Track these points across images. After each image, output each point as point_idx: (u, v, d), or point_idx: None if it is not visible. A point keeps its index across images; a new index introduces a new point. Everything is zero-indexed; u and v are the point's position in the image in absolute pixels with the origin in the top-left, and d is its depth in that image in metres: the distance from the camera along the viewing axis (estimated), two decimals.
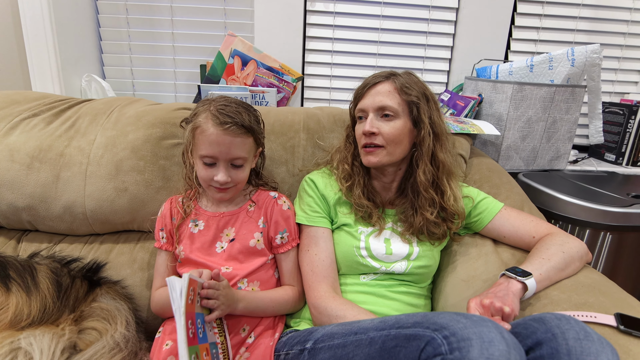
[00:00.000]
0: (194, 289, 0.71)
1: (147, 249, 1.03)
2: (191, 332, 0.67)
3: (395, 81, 0.87)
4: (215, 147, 0.81)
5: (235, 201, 0.92)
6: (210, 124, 0.81)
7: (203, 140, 0.81)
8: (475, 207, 0.95)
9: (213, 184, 0.84)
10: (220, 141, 0.80)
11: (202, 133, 0.81)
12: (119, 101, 1.14)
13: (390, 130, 0.86)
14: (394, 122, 0.86)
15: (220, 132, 0.80)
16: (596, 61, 1.30)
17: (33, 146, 1.00)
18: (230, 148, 0.81)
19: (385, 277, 0.90)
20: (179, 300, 0.67)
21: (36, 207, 0.99)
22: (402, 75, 0.90)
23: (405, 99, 0.86)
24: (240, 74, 1.43)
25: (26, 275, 0.83)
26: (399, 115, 0.86)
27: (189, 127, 0.84)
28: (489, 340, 0.52)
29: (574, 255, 0.81)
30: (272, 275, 0.92)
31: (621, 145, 1.58)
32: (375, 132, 0.86)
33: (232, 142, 0.81)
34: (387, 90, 0.87)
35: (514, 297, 0.70)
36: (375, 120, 0.87)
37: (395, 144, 0.87)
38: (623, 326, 0.66)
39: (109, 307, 0.87)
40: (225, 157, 0.82)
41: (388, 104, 0.86)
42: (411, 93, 0.86)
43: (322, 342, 0.72)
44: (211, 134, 0.80)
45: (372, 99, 0.88)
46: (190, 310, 0.68)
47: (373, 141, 0.87)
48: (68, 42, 1.41)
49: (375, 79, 0.90)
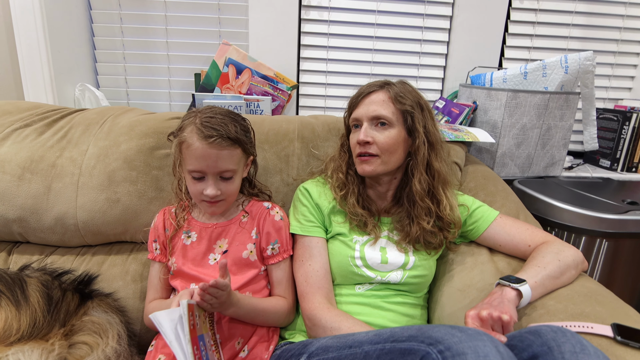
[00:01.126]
0: (192, 312, 0.68)
1: (140, 261, 1.02)
2: (197, 357, 0.65)
3: (390, 90, 0.87)
4: (202, 162, 0.79)
5: (229, 212, 0.91)
6: (196, 137, 0.79)
7: (190, 155, 0.79)
8: (470, 216, 0.95)
9: (204, 198, 0.82)
10: (207, 155, 0.78)
11: (188, 148, 0.79)
12: (112, 111, 1.13)
13: (385, 139, 0.86)
14: (388, 132, 0.86)
15: (206, 146, 0.78)
16: (589, 68, 1.31)
17: (24, 157, 0.99)
18: (217, 162, 0.80)
19: (381, 287, 0.90)
20: (171, 336, 0.63)
21: (27, 219, 0.98)
22: (397, 84, 0.90)
23: (399, 108, 0.86)
24: (234, 82, 1.43)
25: (16, 289, 0.82)
26: (393, 125, 0.86)
27: (175, 142, 0.83)
28: (484, 354, 0.51)
29: (570, 264, 0.80)
30: (264, 286, 0.91)
31: (616, 151, 1.58)
32: (369, 142, 0.86)
33: (219, 155, 0.79)
34: (381, 100, 0.87)
35: (509, 304, 0.69)
36: (370, 129, 0.87)
37: (389, 153, 0.87)
38: (620, 337, 0.66)
39: (101, 321, 0.86)
40: (213, 170, 0.80)
41: (382, 113, 0.86)
42: (405, 102, 0.86)
43: (317, 355, 0.70)
44: (196, 148, 0.78)
45: (367, 108, 0.88)
46: (194, 336, 0.66)
47: (367, 150, 0.87)
48: (62, 51, 1.41)
49: (370, 88, 0.90)
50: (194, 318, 0.68)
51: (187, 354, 0.62)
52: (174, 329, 0.66)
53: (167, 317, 0.67)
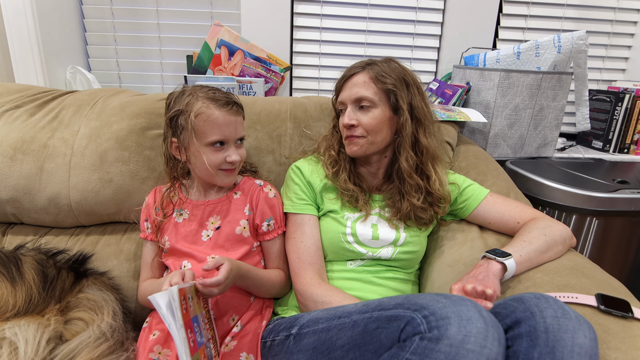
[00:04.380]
0: (184, 296, 0.68)
1: (134, 240, 1.03)
2: (191, 340, 0.65)
3: (370, 71, 0.87)
4: (225, 129, 0.82)
5: (221, 189, 0.92)
6: (214, 107, 0.81)
7: (210, 126, 0.81)
8: (461, 194, 0.96)
9: (224, 167, 0.84)
10: (229, 122, 0.82)
11: (208, 118, 0.81)
12: (103, 92, 1.13)
13: (369, 120, 0.86)
14: (372, 112, 0.86)
15: (226, 113, 0.82)
16: (582, 48, 1.30)
17: (16, 138, 0.99)
18: (236, 128, 0.84)
19: (372, 263, 0.91)
20: (170, 318, 0.63)
21: (20, 200, 0.98)
22: (380, 63, 0.89)
23: (381, 87, 0.86)
24: (227, 64, 1.42)
25: (11, 266, 0.82)
26: (376, 105, 0.86)
27: (187, 118, 0.81)
28: (467, 318, 0.52)
29: (557, 239, 0.82)
30: (258, 262, 0.92)
31: (608, 132, 1.59)
32: (354, 124, 0.87)
33: (237, 122, 0.84)
34: (362, 81, 0.87)
35: (494, 278, 0.71)
36: (353, 112, 0.88)
37: (375, 132, 0.87)
38: (603, 306, 0.67)
39: (96, 298, 0.87)
40: (234, 137, 0.84)
41: (364, 94, 0.86)
42: (386, 81, 0.86)
43: (307, 327, 0.72)
44: (217, 117, 0.81)
45: (349, 91, 0.88)
46: (187, 319, 0.66)
47: (353, 133, 0.88)
48: (51, 33, 1.39)
49: (352, 70, 0.90)
50: (186, 301, 0.68)
51: (181, 339, 0.62)
52: (171, 310, 0.66)
53: (164, 299, 0.66)
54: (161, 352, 0.77)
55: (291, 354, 0.73)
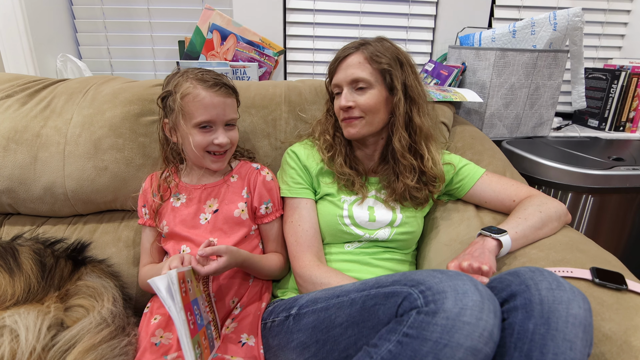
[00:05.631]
0: (183, 279, 0.68)
1: (132, 227, 1.03)
2: (191, 322, 0.66)
3: (365, 51, 0.86)
4: (212, 110, 0.81)
5: (217, 173, 0.92)
6: (201, 88, 0.80)
7: (197, 107, 0.80)
8: (457, 174, 0.96)
9: (211, 149, 0.83)
10: (216, 103, 0.81)
11: (195, 99, 0.80)
12: (95, 80, 1.11)
13: (366, 101, 0.85)
14: (369, 93, 0.86)
15: (213, 94, 0.81)
16: (578, 24, 1.29)
17: (8, 127, 0.98)
18: (225, 110, 0.83)
19: (370, 245, 0.92)
20: (169, 301, 0.63)
21: (15, 190, 0.98)
22: (373, 43, 0.88)
23: (376, 67, 0.85)
24: (219, 49, 1.40)
25: (8, 257, 0.82)
26: (372, 85, 0.86)
27: (175, 99, 0.82)
28: (463, 291, 0.53)
29: (552, 215, 0.82)
30: (256, 245, 0.92)
31: (604, 110, 1.59)
32: (351, 106, 0.86)
33: (225, 103, 0.83)
34: (357, 62, 0.86)
35: (490, 254, 0.72)
36: (350, 93, 0.87)
37: (373, 113, 0.86)
38: (598, 279, 0.68)
39: (95, 285, 0.87)
40: (222, 118, 0.83)
41: (360, 75, 0.85)
42: (381, 61, 0.85)
43: (307, 307, 0.73)
44: (204, 97, 0.80)
45: (344, 72, 0.87)
46: (186, 302, 0.67)
47: (351, 115, 0.87)
48: (40, 21, 1.37)
49: (345, 51, 0.88)
50: (185, 284, 0.69)
51: (181, 321, 0.63)
52: (171, 293, 0.66)
53: (163, 282, 0.66)
54: (163, 336, 0.78)
55: (291, 334, 0.74)
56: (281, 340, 0.76)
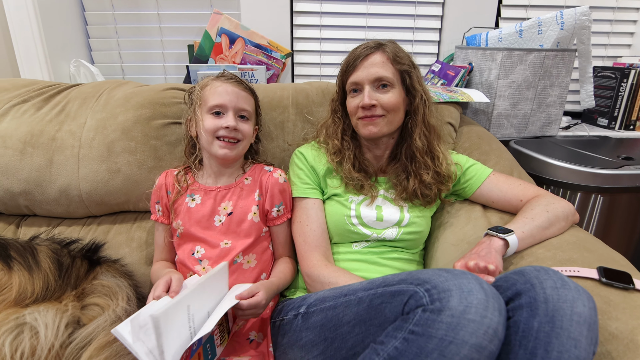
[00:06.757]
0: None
1: (145, 228, 1.05)
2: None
3: (386, 51, 0.88)
4: (224, 96, 0.87)
5: (232, 175, 0.94)
6: (218, 81, 0.90)
7: (211, 93, 0.88)
8: (464, 174, 0.97)
9: (220, 133, 0.86)
10: (229, 91, 0.88)
11: (211, 88, 0.88)
12: (107, 84, 1.14)
13: (389, 99, 0.86)
14: (391, 92, 0.87)
15: (227, 84, 0.89)
16: (585, 23, 1.29)
17: (24, 132, 1.01)
18: (237, 98, 0.88)
19: (377, 244, 0.93)
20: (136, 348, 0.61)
21: (32, 192, 1.01)
22: (389, 44, 0.89)
23: (398, 68, 0.87)
24: (228, 52, 1.42)
25: (27, 255, 0.85)
26: (394, 85, 0.87)
27: (196, 92, 0.91)
28: (468, 290, 0.54)
29: (559, 215, 0.82)
30: (267, 247, 0.94)
31: (613, 109, 1.57)
32: (375, 104, 0.87)
33: (239, 94, 0.89)
34: (381, 61, 0.87)
35: (496, 254, 0.72)
36: (372, 92, 0.87)
37: (394, 112, 0.88)
38: (605, 278, 0.68)
39: (110, 284, 0.90)
40: (234, 105, 0.87)
41: (384, 74, 0.86)
42: (403, 62, 0.87)
43: (315, 306, 0.74)
44: (219, 86, 0.88)
45: (367, 70, 0.87)
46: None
47: (374, 113, 0.87)
48: (53, 27, 1.40)
49: (366, 50, 0.89)
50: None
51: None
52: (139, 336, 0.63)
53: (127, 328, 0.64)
54: None
55: (299, 332, 0.75)
56: (290, 339, 0.78)
